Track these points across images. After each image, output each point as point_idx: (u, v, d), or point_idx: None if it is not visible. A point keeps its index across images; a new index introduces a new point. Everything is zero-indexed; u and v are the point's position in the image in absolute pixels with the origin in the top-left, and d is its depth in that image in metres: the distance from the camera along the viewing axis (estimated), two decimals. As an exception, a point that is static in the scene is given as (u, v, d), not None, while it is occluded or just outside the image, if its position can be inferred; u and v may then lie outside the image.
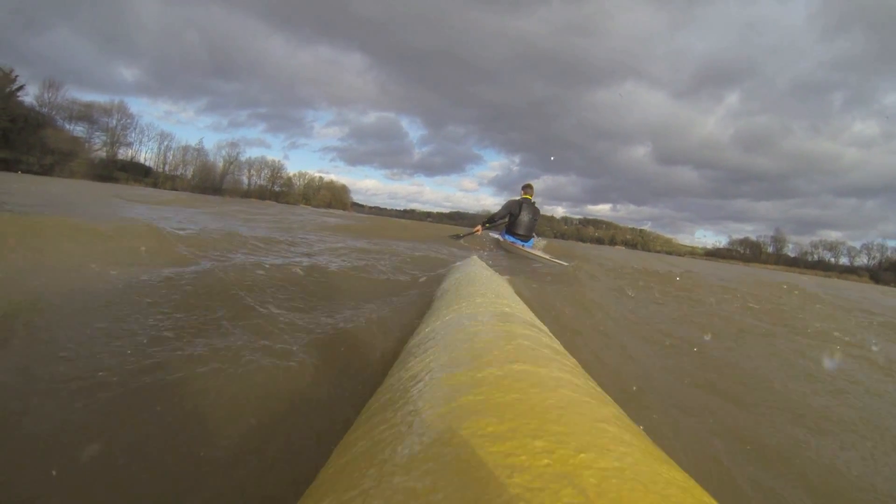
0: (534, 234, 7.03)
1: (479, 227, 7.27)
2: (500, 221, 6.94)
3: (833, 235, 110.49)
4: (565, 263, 5.49)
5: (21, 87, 43.20)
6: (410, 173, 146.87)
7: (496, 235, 7.22)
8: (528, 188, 7.03)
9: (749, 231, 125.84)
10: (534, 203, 6.99)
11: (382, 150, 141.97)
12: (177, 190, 46.55)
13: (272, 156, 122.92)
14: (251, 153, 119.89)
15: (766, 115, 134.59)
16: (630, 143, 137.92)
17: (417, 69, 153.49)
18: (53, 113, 45.83)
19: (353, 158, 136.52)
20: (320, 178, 74.30)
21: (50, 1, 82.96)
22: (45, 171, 40.13)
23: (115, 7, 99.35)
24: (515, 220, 6.81)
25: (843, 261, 78.28)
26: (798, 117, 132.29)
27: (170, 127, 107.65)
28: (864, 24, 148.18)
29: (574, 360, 0.81)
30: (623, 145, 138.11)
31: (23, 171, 35.42)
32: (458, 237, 7.54)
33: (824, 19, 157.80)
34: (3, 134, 40.36)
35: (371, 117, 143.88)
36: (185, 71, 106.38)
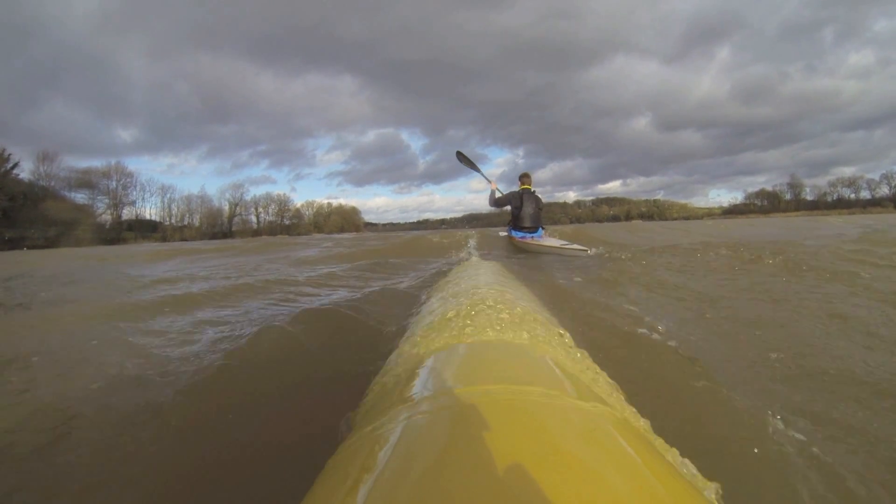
0: (541, 223, 6.53)
1: (493, 183, 6.81)
2: (502, 207, 6.63)
3: (847, 172, 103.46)
4: (585, 248, 5.03)
5: (16, 165, 41.47)
6: (418, 184, 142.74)
7: (504, 234, 6.88)
8: (525, 178, 6.59)
9: (762, 182, 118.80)
10: (534, 192, 6.52)
11: (387, 166, 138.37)
12: (185, 240, 44.26)
13: (280, 190, 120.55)
14: (258, 191, 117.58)
15: (759, 64, 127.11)
16: (630, 117, 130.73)
17: (409, 81, 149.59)
18: (52, 184, 44.00)
19: (360, 179, 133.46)
20: (329, 204, 71.79)
21: (39, 78, 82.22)
22: (51, 243, 38.03)
23: (104, 73, 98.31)
24: (519, 213, 6.39)
25: (864, 195, 73.06)
26: (792, 60, 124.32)
27: (174, 179, 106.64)
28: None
29: (581, 350, 0.77)
30: (623, 120, 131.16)
31: (28, 247, 33.48)
32: (467, 162, 7.25)
33: None
34: (4, 214, 38.48)
35: (370, 136, 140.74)
36: (181, 122, 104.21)
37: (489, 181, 6.90)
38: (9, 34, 72.76)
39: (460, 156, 7.43)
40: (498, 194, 6.69)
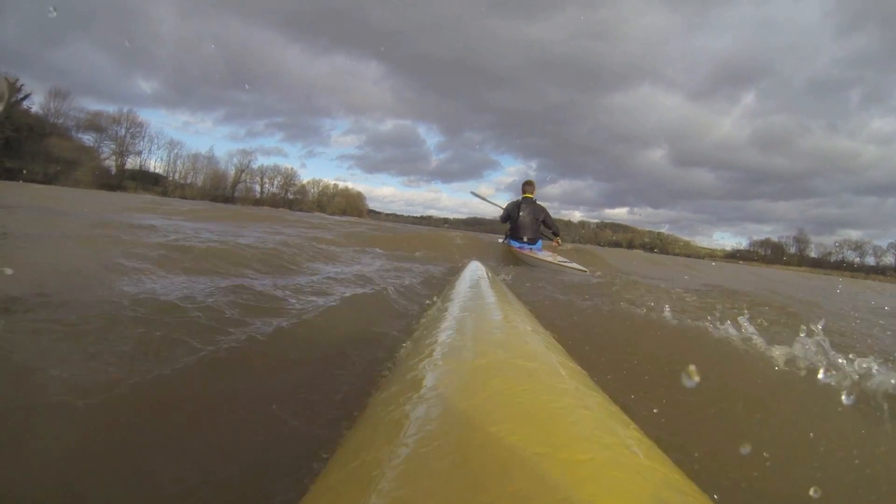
0: (542, 235, 6.14)
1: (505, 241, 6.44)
2: (506, 221, 6.27)
3: (853, 235, 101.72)
4: (585, 269, 4.68)
5: (27, 96, 40.69)
6: (427, 180, 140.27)
7: (501, 241, 6.56)
8: (527, 186, 6.22)
9: (768, 232, 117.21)
10: (535, 201, 6.14)
11: (399, 158, 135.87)
12: (185, 198, 43.52)
13: (290, 164, 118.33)
14: (269, 161, 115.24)
15: (782, 114, 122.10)
16: (647, 146, 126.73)
17: (434, 77, 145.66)
18: (61, 122, 43.24)
19: (371, 166, 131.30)
20: (335, 185, 70.97)
21: (69, 17, 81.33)
22: (50, 180, 37.31)
23: (134, 22, 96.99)
24: (516, 223, 6.05)
25: (869, 260, 72.09)
26: (815, 116, 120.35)
27: (187, 136, 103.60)
28: (879, 20, 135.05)
29: (578, 366, 0.76)
30: (640, 148, 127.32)
31: (25, 181, 32.69)
32: (482, 199, 7.40)
33: (839, 16, 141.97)
34: (7, 143, 37.70)
35: (388, 125, 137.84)
36: (202, 82, 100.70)
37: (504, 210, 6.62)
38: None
39: (474, 195, 7.56)
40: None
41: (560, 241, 6.44)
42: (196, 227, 4.58)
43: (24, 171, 37.71)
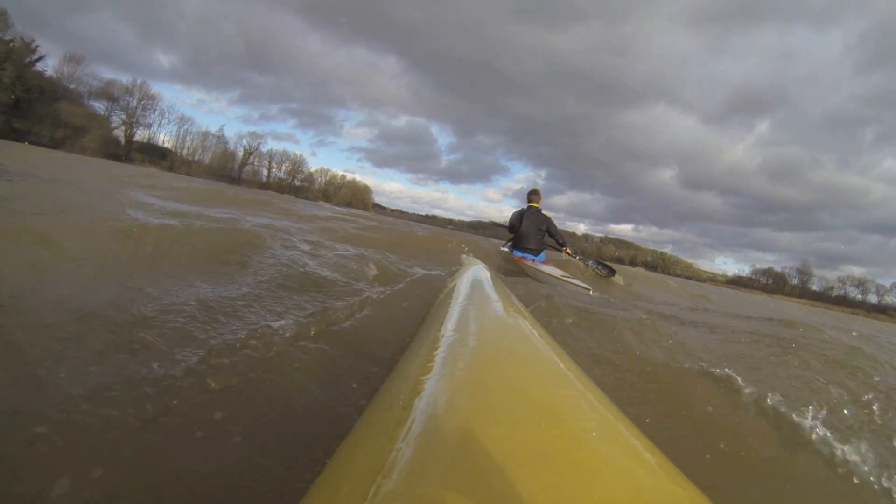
0: (546, 245, 5.89)
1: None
2: (512, 233, 6.05)
3: (856, 271, 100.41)
4: (588, 287, 4.08)
5: (41, 58, 40.13)
6: (436, 179, 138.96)
7: (504, 248, 6.24)
8: (532, 195, 5.97)
9: (770, 261, 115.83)
10: (539, 210, 5.89)
11: (410, 155, 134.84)
12: (191, 175, 42.90)
13: (300, 151, 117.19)
14: (278, 146, 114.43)
15: (795, 145, 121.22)
16: (657, 166, 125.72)
17: (451, 77, 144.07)
18: (73, 87, 42.61)
19: (380, 160, 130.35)
20: (342, 176, 70.27)
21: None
22: (56, 144, 36.70)
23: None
24: (518, 233, 5.86)
25: (871, 298, 71.12)
26: (827, 150, 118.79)
27: (200, 114, 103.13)
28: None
29: (577, 365, 0.76)
30: (650, 167, 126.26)
31: (30, 143, 32.09)
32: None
33: (860, 53, 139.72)
34: (17, 103, 37.10)
35: (401, 121, 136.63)
36: (220, 62, 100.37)
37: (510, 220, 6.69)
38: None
39: (492, 224, 7.93)
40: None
41: (569, 250, 6.13)
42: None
43: (32, 134, 37.06)
